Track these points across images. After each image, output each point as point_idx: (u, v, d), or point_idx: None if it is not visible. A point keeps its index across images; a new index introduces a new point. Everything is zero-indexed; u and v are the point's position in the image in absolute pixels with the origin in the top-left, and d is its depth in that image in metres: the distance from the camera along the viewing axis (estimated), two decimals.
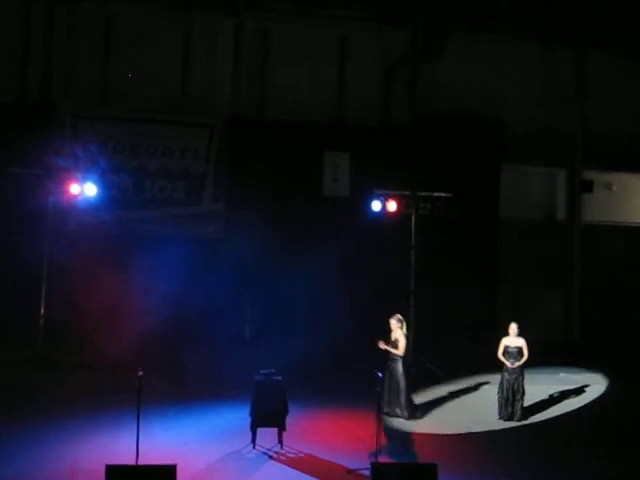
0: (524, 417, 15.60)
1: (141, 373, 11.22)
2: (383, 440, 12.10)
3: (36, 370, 18.84)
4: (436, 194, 22.36)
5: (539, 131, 27.62)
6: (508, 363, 15.60)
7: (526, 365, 15.85)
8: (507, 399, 15.53)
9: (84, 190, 20.63)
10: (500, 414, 15.57)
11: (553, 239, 27.85)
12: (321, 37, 25.95)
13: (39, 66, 24.32)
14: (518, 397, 15.51)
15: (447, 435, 14.18)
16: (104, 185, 21.35)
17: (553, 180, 28.66)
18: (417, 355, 21.17)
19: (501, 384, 15.68)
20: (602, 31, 27.14)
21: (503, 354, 15.72)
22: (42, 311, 20.29)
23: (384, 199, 21.85)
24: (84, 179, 20.69)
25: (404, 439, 13.89)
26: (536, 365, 21.77)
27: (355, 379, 18.87)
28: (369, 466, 10.16)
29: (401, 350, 15.31)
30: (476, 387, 18.83)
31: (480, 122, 25.99)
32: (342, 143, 25.02)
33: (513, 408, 15.48)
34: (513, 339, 15.72)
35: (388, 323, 15.63)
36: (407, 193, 22.13)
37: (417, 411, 15.61)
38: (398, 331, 15.44)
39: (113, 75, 24.71)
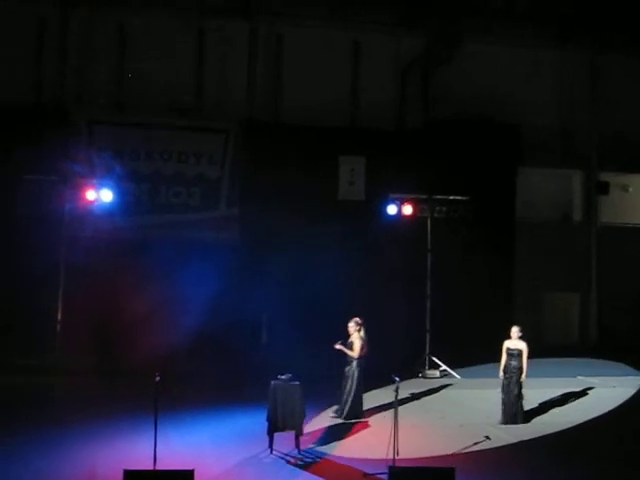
0: (526, 420, 15.53)
1: (158, 378, 11.22)
2: (400, 443, 12.04)
3: (53, 376, 18.90)
4: (452, 197, 22.33)
5: (554, 133, 27.58)
6: (502, 368, 15.63)
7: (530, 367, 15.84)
8: (505, 402, 15.56)
9: (100, 196, 20.69)
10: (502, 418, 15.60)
11: (569, 241, 27.73)
12: (335, 41, 25.97)
13: (54, 73, 24.43)
14: (514, 400, 15.48)
15: (467, 440, 14.09)
16: (120, 191, 21.41)
17: (569, 182, 28.58)
18: (431, 357, 21.17)
19: (502, 387, 15.71)
20: (617, 32, 27.06)
21: (505, 356, 15.78)
22: (59, 317, 20.34)
23: (400, 203, 21.83)
24: (100, 185, 20.74)
25: (424, 444, 13.82)
26: (553, 368, 21.90)
27: (371, 383, 18.85)
28: (386, 470, 10.12)
29: (355, 352, 15.45)
30: (493, 390, 18.70)
31: (495, 125, 25.93)
32: (357, 147, 25.01)
33: (513, 411, 15.44)
34: (514, 342, 15.77)
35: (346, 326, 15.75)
36: (423, 196, 22.11)
37: (361, 414, 15.60)
38: (355, 334, 15.63)
39: (127, 81, 24.77)
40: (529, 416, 16.13)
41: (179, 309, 20.46)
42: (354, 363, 15.52)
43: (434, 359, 21.18)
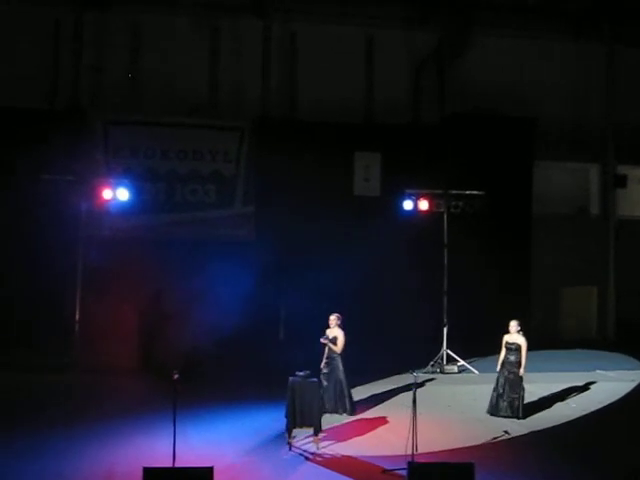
0: (525, 415, 15.45)
1: (176, 376, 11.25)
2: (419, 439, 12.02)
3: (72, 375, 18.98)
4: (468, 192, 22.20)
5: (570, 126, 27.46)
6: (499, 362, 15.65)
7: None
8: (499, 395, 15.51)
9: (116, 195, 20.74)
10: (488, 409, 15.54)
11: (587, 235, 27.61)
12: (348, 37, 25.95)
13: (69, 73, 24.53)
14: (516, 395, 15.41)
15: (486, 435, 14.08)
16: (136, 190, 21.44)
17: (586, 175, 28.45)
18: (449, 352, 21.12)
19: (497, 379, 15.66)
20: (633, 24, 26.94)
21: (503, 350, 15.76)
22: (77, 316, 20.40)
23: (415, 198, 21.75)
24: (116, 184, 20.79)
25: (443, 439, 13.79)
26: (571, 362, 21.85)
27: (389, 378, 18.87)
28: (406, 466, 10.11)
29: (339, 347, 15.32)
30: None
31: (511, 119, 25.85)
32: (372, 143, 25.01)
33: (509, 405, 15.40)
34: (513, 336, 15.71)
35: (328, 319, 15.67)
36: (438, 192, 22.00)
37: (357, 407, 15.59)
38: (336, 329, 15.46)
39: (142, 80, 24.85)
40: (547, 409, 16.16)
41: (196, 307, 20.47)
42: (338, 358, 15.43)
43: (452, 354, 21.13)
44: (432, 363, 20.73)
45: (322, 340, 15.37)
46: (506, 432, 14.28)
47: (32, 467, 11.63)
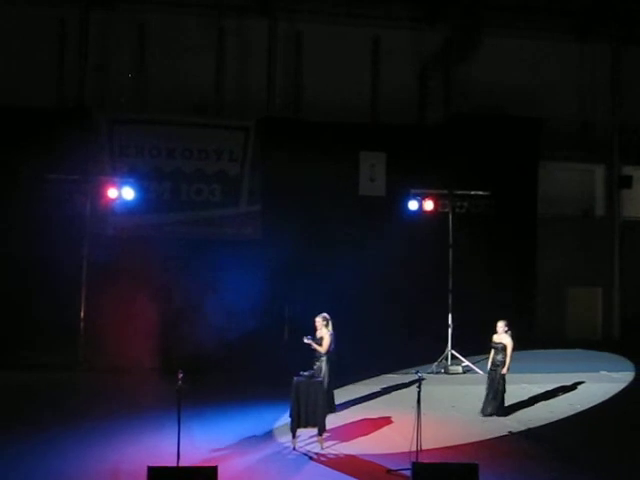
0: (506, 414, 15.49)
1: (181, 375, 11.26)
2: (423, 439, 12.01)
3: (76, 373, 19.02)
4: (473, 192, 22.20)
5: (576, 127, 27.44)
6: (489, 361, 15.77)
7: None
8: (487, 393, 15.58)
9: (122, 194, 20.78)
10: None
11: (592, 236, 27.60)
12: (354, 37, 25.97)
13: (75, 72, 24.57)
14: (497, 394, 15.46)
15: (490, 435, 14.08)
16: (141, 189, 21.49)
17: (591, 176, 28.42)
18: (454, 353, 21.10)
19: (487, 379, 15.77)
20: (639, 23, 26.90)
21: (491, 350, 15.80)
22: (82, 315, 20.43)
23: (421, 198, 21.75)
24: (121, 183, 20.84)
25: (447, 439, 13.79)
26: (576, 363, 21.82)
27: (393, 378, 18.87)
28: (410, 466, 10.11)
29: (324, 348, 15.30)
30: (516, 385, 18.62)
31: (516, 119, 25.83)
32: (378, 143, 25.02)
33: (495, 404, 15.46)
34: (500, 336, 15.81)
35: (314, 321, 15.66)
36: (444, 192, 21.99)
37: (334, 409, 15.56)
38: (323, 329, 15.44)
39: (148, 79, 24.91)
40: (551, 409, 16.17)
41: (201, 306, 20.51)
42: (323, 358, 15.42)
43: (456, 354, 21.11)
44: (437, 363, 20.72)
45: (305, 340, 15.34)
46: (510, 432, 14.28)
47: (37, 465, 11.67)
